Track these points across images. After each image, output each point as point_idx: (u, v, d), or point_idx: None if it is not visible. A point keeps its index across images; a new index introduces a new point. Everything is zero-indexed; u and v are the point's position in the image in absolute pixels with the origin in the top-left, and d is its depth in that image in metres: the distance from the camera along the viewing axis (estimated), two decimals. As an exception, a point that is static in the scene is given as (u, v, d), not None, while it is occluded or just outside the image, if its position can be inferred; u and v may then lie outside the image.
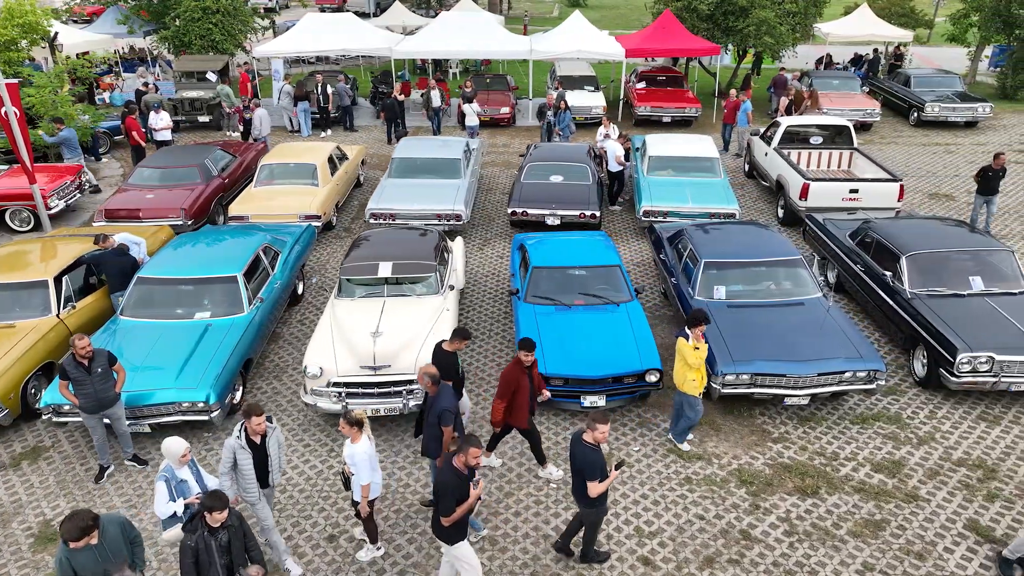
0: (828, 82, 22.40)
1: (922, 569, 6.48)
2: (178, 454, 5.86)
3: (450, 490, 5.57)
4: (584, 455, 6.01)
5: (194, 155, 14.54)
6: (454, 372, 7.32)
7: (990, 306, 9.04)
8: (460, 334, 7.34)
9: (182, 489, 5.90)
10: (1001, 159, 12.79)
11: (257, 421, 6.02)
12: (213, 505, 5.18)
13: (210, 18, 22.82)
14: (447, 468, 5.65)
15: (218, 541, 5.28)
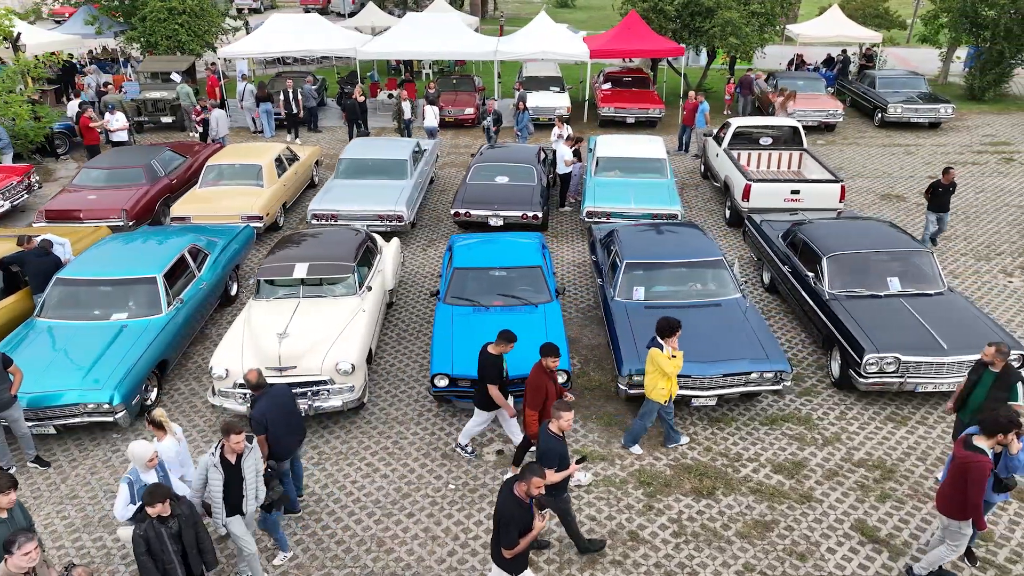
0: (794, 83, 22.41)
1: (801, 570, 6.49)
2: (144, 458, 5.85)
3: (513, 520, 5.28)
4: (546, 442, 6.06)
5: (141, 156, 14.55)
6: (499, 375, 7.33)
7: (904, 307, 9.05)
8: (505, 336, 7.29)
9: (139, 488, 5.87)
10: (950, 174, 12.20)
11: (235, 439, 5.79)
12: (150, 499, 5.24)
13: (176, 19, 22.83)
14: (507, 496, 5.36)
15: (168, 530, 5.37)
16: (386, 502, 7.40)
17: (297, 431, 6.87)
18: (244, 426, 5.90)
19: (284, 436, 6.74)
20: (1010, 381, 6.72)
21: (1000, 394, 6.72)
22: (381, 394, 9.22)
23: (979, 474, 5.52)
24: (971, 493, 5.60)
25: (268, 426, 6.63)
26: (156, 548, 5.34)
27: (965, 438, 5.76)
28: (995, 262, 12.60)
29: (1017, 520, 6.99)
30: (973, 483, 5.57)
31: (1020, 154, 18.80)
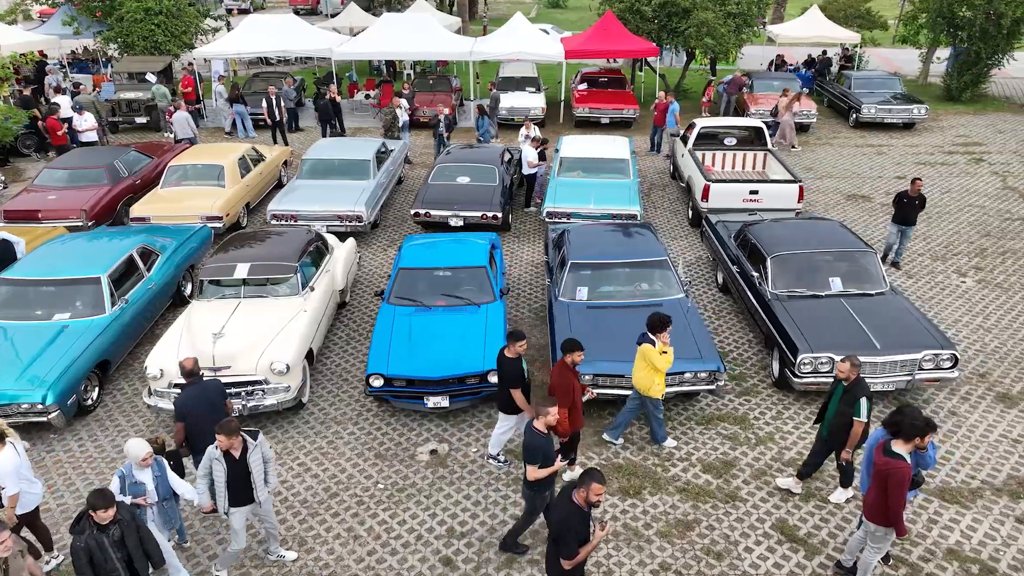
0: (769, 83, 22.47)
1: (717, 568, 6.52)
2: (139, 456, 5.82)
3: (572, 530, 5.08)
4: (529, 440, 6.05)
5: (103, 156, 14.57)
6: (519, 378, 7.18)
7: (844, 307, 9.08)
8: (514, 336, 7.18)
9: (135, 490, 5.86)
10: (917, 185, 11.50)
11: (220, 439, 5.86)
12: (96, 504, 5.19)
13: (153, 19, 22.82)
14: (565, 505, 5.15)
15: (110, 538, 5.28)
16: (313, 502, 7.42)
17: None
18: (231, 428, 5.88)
19: (204, 429, 6.76)
20: (855, 395, 6.58)
21: (846, 408, 6.62)
22: (323, 394, 9.24)
23: (899, 480, 5.53)
24: (892, 499, 5.60)
25: (187, 417, 6.68)
26: (99, 559, 5.25)
27: (884, 444, 5.76)
28: (951, 262, 12.63)
29: (935, 519, 7.01)
30: (894, 489, 5.56)
31: (990, 155, 18.83)
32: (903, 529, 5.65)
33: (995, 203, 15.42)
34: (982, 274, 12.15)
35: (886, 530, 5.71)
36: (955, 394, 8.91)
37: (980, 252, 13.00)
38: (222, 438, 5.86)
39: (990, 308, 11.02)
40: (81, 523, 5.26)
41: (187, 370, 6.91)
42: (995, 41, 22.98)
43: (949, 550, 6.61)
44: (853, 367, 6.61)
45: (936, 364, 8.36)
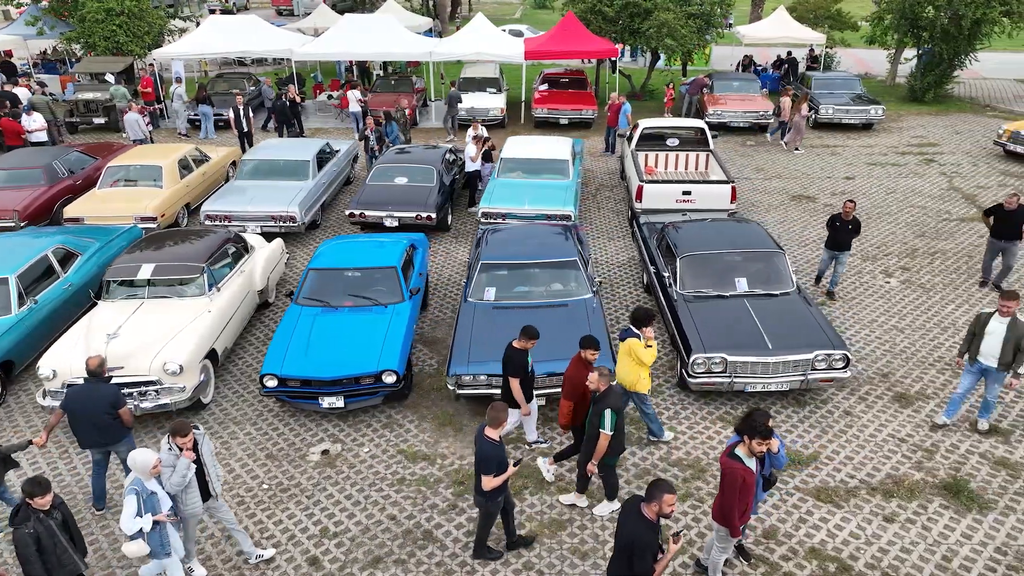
0: (729, 84, 22.54)
1: (579, 568, 6.54)
2: (148, 466, 5.62)
3: (647, 545, 4.89)
4: (482, 449, 6.01)
5: (42, 157, 14.59)
6: (523, 370, 7.42)
7: (745, 308, 9.10)
8: (527, 332, 7.38)
9: (151, 503, 5.66)
10: (849, 208, 10.66)
11: (182, 441, 5.86)
12: (34, 491, 5.24)
13: (114, 20, 22.84)
14: (634, 518, 5.02)
15: (55, 521, 5.40)
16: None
17: (101, 430, 6.88)
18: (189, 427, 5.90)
19: (84, 429, 6.81)
20: (602, 407, 6.43)
21: (595, 419, 6.49)
22: (228, 394, 9.26)
23: (730, 481, 5.56)
24: (724, 500, 5.65)
25: (68, 413, 6.73)
26: (48, 543, 5.31)
27: (729, 448, 5.79)
28: (881, 262, 12.66)
29: (806, 518, 7.03)
30: (724, 489, 5.62)
31: (942, 155, 18.86)
32: (735, 531, 5.67)
33: (937, 204, 15.45)
34: (908, 274, 12.18)
35: (728, 530, 5.74)
36: (854, 394, 8.94)
37: (911, 252, 13.03)
38: (179, 438, 5.85)
39: (907, 308, 11.05)
40: (22, 513, 5.28)
41: (90, 369, 6.91)
42: (956, 42, 23.01)
43: (812, 549, 6.64)
44: (602, 377, 6.50)
45: (828, 364, 8.39)
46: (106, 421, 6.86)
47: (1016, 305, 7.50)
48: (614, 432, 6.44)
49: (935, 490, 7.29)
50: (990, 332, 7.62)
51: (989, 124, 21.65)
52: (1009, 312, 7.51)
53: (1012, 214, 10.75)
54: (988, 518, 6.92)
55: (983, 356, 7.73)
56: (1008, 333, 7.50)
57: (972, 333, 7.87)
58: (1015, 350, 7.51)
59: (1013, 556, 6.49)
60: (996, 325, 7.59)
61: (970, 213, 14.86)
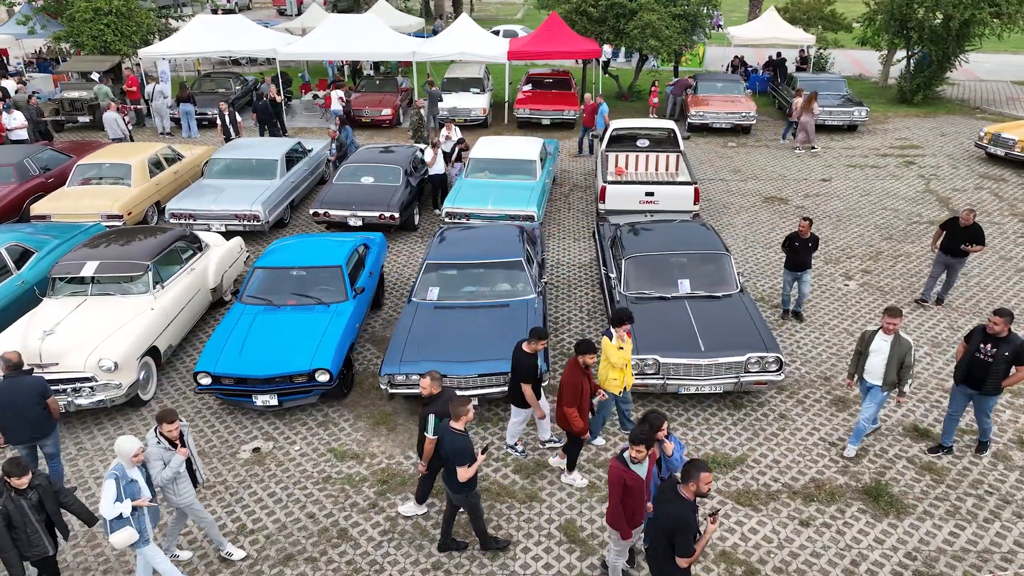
0: (712, 85, 22.46)
1: (488, 568, 6.53)
2: (130, 453, 5.69)
3: (687, 525, 4.93)
4: (452, 440, 6.04)
5: (14, 155, 14.73)
6: (530, 374, 7.36)
7: (685, 309, 9.07)
8: (536, 334, 7.32)
9: (131, 490, 5.72)
10: (804, 226, 10.06)
11: (167, 428, 5.96)
12: (11, 471, 5.41)
13: (102, 19, 23.04)
14: (673, 499, 5.02)
15: (29, 501, 5.54)
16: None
17: (32, 423, 6.95)
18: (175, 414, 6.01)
19: (13, 424, 6.89)
20: (427, 412, 6.50)
21: (420, 423, 6.58)
22: (170, 391, 9.33)
23: (611, 483, 5.60)
24: (609, 502, 5.71)
25: None
26: (18, 520, 5.50)
27: (620, 453, 5.79)
28: (843, 265, 12.57)
29: (722, 521, 6.99)
30: (609, 492, 5.66)
31: (923, 157, 18.71)
32: (624, 533, 5.66)
33: (910, 206, 15.32)
34: (869, 277, 12.09)
35: (618, 532, 5.72)
36: (793, 396, 8.89)
37: (876, 255, 12.93)
38: (171, 427, 5.96)
39: (862, 312, 10.97)
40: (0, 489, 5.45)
41: (12, 363, 7.00)
42: (945, 43, 22.81)
43: (723, 552, 6.60)
44: (433, 381, 6.55)
45: (762, 367, 8.34)
46: (36, 413, 6.94)
47: (899, 322, 7.18)
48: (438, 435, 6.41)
49: (856, 494, 7.24)
50: (874, 350, 7.30)
51: (976, 127, 21.45)
52: (892, 329, 7.18)
53: (966, 230, 10.38)
54: (904, 523, 6.87)
55: (868, 375, 7.41)
56: (891, 351, 7.17)
57: (858, 352, 7.53)
58: (899, 368, 7.21)
59: (922, 561, 6.43)
60: (880, 343, 7.27)
61: (941, 216, 14.73)
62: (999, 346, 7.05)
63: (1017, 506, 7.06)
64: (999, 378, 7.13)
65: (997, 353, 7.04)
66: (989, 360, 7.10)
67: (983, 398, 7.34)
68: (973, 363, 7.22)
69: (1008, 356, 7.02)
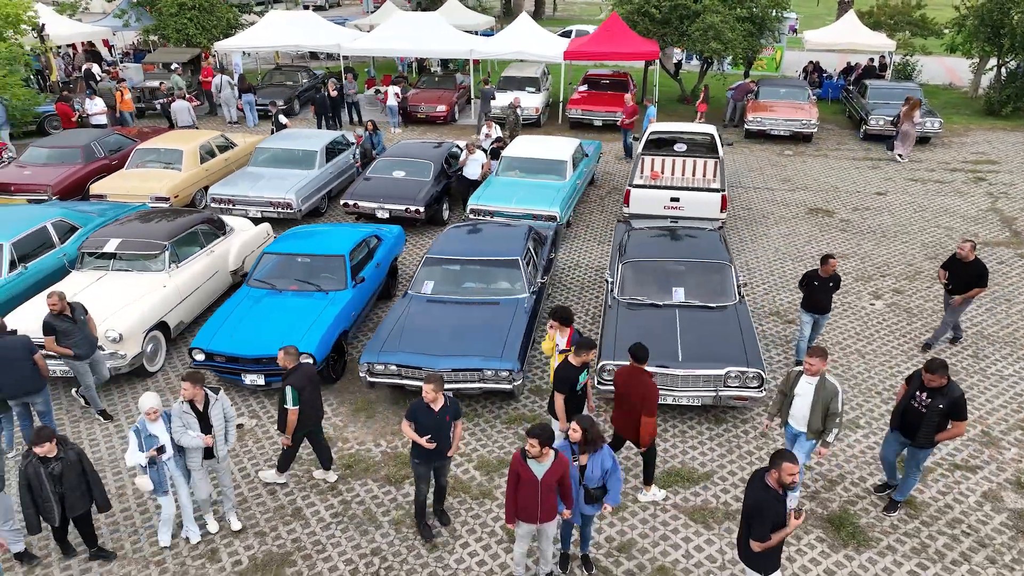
0: (775, 90, 21.67)
1: (423, 559, 6.61)
2: (143, 409, 6.21)
3: (766, 513, 5.04)
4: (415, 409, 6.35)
5: (83, 138, 15.87)
6: (569, 386, 6.84)
7: (673, 318, 8.85)
8: (585, 345, 6.81)
9: (149, 443, 6.24)
10: (830, 266, 8.93)
11: (184, 386, 6.34)
12: (35, 439, 5.81)
13: (186, 13, 24.46)
14: (759, 485, 5.15)
15: (48, 470, 5.90)
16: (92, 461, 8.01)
17: (22, 378, 7.54)
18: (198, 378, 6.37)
19: (7, 380, 7.50)
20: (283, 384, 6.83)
21: (280, 396, 6.92)
22: (177, 365, 9.87)
23: (509, 471, 5.75)
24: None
25: None
26: (35, 485, 5.91)
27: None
28: (874, 283, 11.93)
29: (669, 536, 6.81)
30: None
31: (997, 174, 17.46)
32: (507, 517, 5.84)
33: (967, 225, 14.35)
34: (899, 297, 11.42)
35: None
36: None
37: (913, 275, 12.20)
38: (187, 386, 6.32)
39: (881, 332, 10.38)
40: (29, 453, 5.89)
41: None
42: (1037, 52, 21.20)
43: (661, 567, 6.43)
44: (288, 356, 6.87)
45: (742, 382, 8.04)
46: (26, 369, 7.52)
47: (822, 364, 6.44)
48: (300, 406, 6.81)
49: (818, 521, 6.89)
50: (799, 394, 6.62)
51: (1065, 143, 19.84)
52: (814, 371, 6.47)
53: (967, 267, 9.30)
54: (862, 556, 6.49)
55: (792, 420, 6.73)
56: (815, 396, 6.49)
57: (781, 392, 6.88)
58: (824, 415, 6.53)
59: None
60: (804, 386, 6.59)
61: (1000, 237, 13.73)
62: (934, 396, 6.35)
63: (993, 551, 6.55)
64: (932, 430, 6.43)
65: (931, 403, 6.36)
66: (923, 410, 6.43)
67: (914, 450, 6.63)
68: (908, 410, 6.56)
69: (943, 408, 6.32)
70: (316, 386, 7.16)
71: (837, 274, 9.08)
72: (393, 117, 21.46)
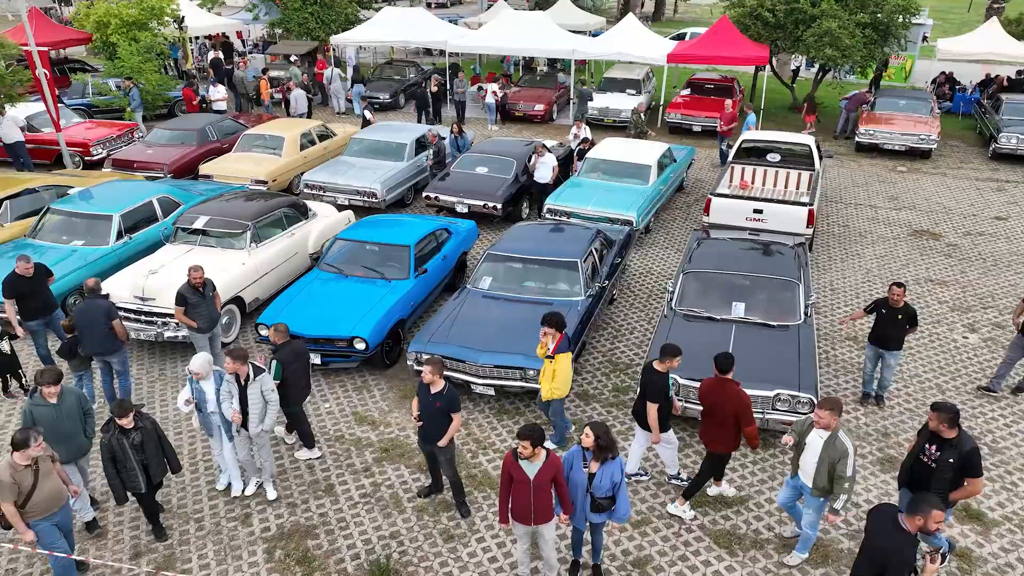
0: (894, 102, 20.32)
1: (438, 547, 6.71)
2: (190, 368, 6.79)
3: (906, 562, 4.71)
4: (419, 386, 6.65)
5: (199, 122, 17.11)
6: (663, 395, 6.77)
7: (728, 333, 8.51)
8: (667, 351, 6.72)
9: (199, 395, 6.88)
10: (895, 294, 8.15)
11: (226, 362, 6.76)
12: (116, 411, 6.21)
13: (308, 8, 25.82)
14: (890, 527, 4.78)
15: (130, 441, 6.32)
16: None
17: (101, 338, 8.26)
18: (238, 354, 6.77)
19: (89, 338, 8.23)
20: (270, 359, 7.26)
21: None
22: (248, 338, 10.49)
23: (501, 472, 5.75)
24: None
25: (76, 326, 8.21)
26: (119, 455, 6.30)
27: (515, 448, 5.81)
28: (973, 315, 10.97)
29: (688, 557, 6.55)
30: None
31: None
32: (502, 517, 5.83)
33: (1097, 259, 12.91)
34: (998, 332, 10.44)
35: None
36: (836, 447, 8.00)
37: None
38: (228, 361, 6.76)
39: (968, 369, 9.54)
40: (110, 425, 6.45)
41: (90, 288, 8.43)
42: None
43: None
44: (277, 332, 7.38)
45: (791, 406, 7.61)
46: (104, 330, 8.22)
47: (832, 419, 5.74)
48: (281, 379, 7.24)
49: (851, 561, 6.43)
50: (809, 444, 6.03)
51: None
52: (823, 424, 5.82)
53: None
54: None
55: (801, 471, 6.16)
56: (822, 451, 5.87)
57: (795, 442, 6.27)
58: (830, 475, 5.86)
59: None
60: (815, 438, 5.99)
61: None
62: (944, 450, 5.69)
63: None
64: (944, 488, 5.72)
65: (941, 458, 5.70)
66: (932, 465, 5.76)
67: None
68: (916, 465, 5.93)
69: (953, 464, 5.63)
70: (305, 364, 7.55)
71: (912, 309, 8.25)
72: (491, 114, 21.78)
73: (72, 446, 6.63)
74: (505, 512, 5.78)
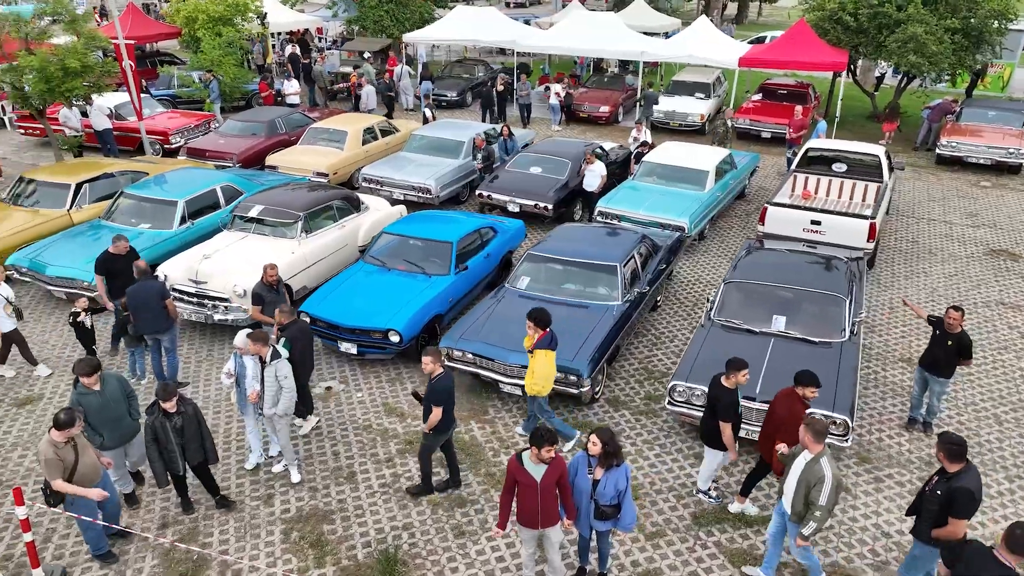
0: (983, 113, 19.17)
1: (448, 542, 6.75)
2: (236, 342, 7.18)
3: None
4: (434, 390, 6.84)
5: (269, 115, 17.76)
6: (732, 412, 6.54)
7: (765, 347, 8.22)
8: (733, 365, 6.48)
9: (239, 369, 7.26)
10: (952, 318, 7.66)
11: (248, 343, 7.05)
12: (160, 395, 6.47)
13: (384, 6, 26.41)
14: (994, 565, 4.63)
15: (172, 424, 6.57)
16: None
17: (154, 317, 8.69)
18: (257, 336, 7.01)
19: (142, 318, 8.67)
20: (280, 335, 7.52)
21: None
22: (295, 325, 10.81)
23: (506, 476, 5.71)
24: None
25: (130, 304, 8.65)
26: (162, 437, 6.56)
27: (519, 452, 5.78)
28: (1045, 343, 10.24)
29: (700, 574, 6.37)
30: None
31: None
32: (501, 522, 5.80)
33: None
34: (1071, 363, 9.72)
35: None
36: (873, 472, 7.63)
37: (1101, 340, 10.30)
38: (249, 343, 7.02)
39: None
40: (153, 408, 6.81)
41: (141, 269, 8.89)
42: None
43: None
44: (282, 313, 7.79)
45: (824, 427, 7.29)
46: (157, 309, 8.64)
47: (814, 444, 5.51)
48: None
49: (875, 595, 6.12)
50: (793, 468, 5.75)
51: None
52: (810, 449, 5.59)
53: None
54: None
55: (784, 495, 5.88)
56: (801, 473, 5.61)
57: (788, 454, 6.03)
58: (805, 499, 5.59)
59: None
60: (799, 461, 5.72)
61: None
62: (940, 481, 5.40)
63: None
64: (928, 523, 5.48)
65: (932, 489, 5.45)
66: (932, 499, 5.46)
67: (920, 544, 5.67)
68: (921, 493, 5.65)
69: (939, 497, 5.34)
70: (310, 342, 7.95)
71: (967, 339, 7.67)
72: (555, 115, 21.74)
73: (120, 428, 6.84)
74: (505, 517, 5.74)
